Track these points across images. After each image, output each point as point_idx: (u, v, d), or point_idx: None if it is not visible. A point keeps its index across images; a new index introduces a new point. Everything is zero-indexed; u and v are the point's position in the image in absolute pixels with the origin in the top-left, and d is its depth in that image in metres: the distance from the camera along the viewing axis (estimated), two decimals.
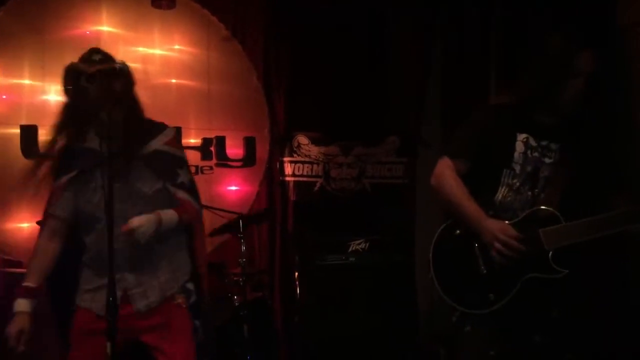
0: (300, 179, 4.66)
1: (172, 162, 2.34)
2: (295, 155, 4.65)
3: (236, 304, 3.72)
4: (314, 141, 4.68)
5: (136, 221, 2.17)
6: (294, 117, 4.61)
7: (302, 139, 4.67)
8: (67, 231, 2.36)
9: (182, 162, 2.40)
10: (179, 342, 2.28)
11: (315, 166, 4.68)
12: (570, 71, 2.15)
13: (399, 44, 4.68)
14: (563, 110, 2.20)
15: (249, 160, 4.55)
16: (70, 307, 2.34)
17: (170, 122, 4.21)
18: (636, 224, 2.05)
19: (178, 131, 4.38)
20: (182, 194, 2.33)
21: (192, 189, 2.39)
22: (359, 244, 4.08)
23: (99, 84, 2.16)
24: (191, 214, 2.35)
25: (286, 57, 4.57)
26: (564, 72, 2.15)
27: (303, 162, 4.67)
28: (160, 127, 2.38)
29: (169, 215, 2.26)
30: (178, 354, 2.26)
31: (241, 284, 3.72)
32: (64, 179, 2.31)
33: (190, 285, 2.36)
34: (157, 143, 2.32)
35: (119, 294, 2.22)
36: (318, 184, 4.69)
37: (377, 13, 4.67)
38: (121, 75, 2.20)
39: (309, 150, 4.68)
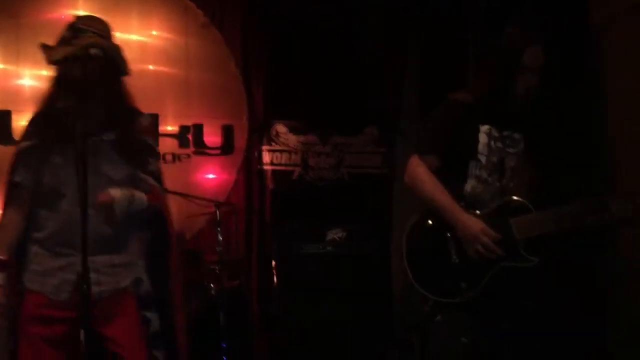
0: (278, 167, 4.65)
1: (145, 150, 2.31)
2: (273, 143, 4.64)
3: (212, 292, 3.72)
4: (293, 130, 4.67)
5: (115, 192, 2.10)
6: (272, 106, 4.59)
7: (281, 128, 4.66)
8: (31, 202, 2.22)
9: (154, 151, 2.37)
10: (129, 334, 2.22)
11: (293, 155, 4.67)
12: (519, 67, 2.20)
13: (378, 34, 4.67)
14: (519, 103, 2.25)
15: (226, 148, 4.53)
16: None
17: (147, 109, 4.23)
18: (603, 214, 2.09)
19: (155, 118, 4.36)
20: (152, 181, 2.29)
21: (159, 179, 2.36)
22: (336, 233, 4.09)
23: (81, 65, 2.12)
24: (159, 201, 2.31)
25: (265, 45, 4.54)
26: (513, 68, 2.21)
27: (281, 151, 4.66)
28: (136, 114, 2.34)
29: (140, 196, 2.21)
30: (128, 345, 2.20)
31: (218, 272, 3.71)
32: (26, 144, 2.22)
33: (144, 277, 2.31)
34: (131, 129, 2.27)
35: (71, 277, 2.16)
36: (296, 173, 4.69)
37: (356, 3, 4.65)
38: (103, 60, 2.17)
39: (287, 139, 4.67)
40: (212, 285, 3.73)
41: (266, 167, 4.61)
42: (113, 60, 2.24)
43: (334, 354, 3.81)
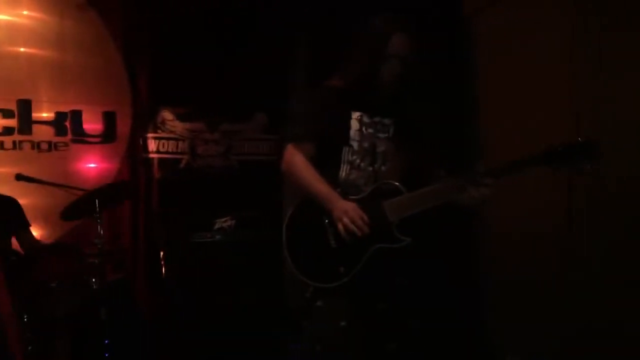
0: (165, 155, 4.52)
1: None
2: (159, 131, 4.50)
3: (94, 286, 3.56)
4: (179, 117, 4.55)
5: None
6: (158, 91, 4.44)
7: (167, 115, 4.52)
8: None
9: None
10: None
11: (180, 143, 4.55)
12: (383, 55, 2.24)
13: (265, 20, 4.62)
14: (386, 89, 2.30)
15: (108, 136, 4.35)
16: None
17: (19, 94, 4.07)
18: (465, 193, 2.18)
19: (28, 104, 4.09)
20: None
21: None
22: (225, 221, 4.03)
23: None
24: None
25: (148, 27, 4.37)
26: (377, 56, 2.24)
27: (168, 139, 4.53)
28: None
29: None
30: None
31: (98, 265, 3.55)
32: None
33: None
34: None
35: None
36: (184, 161, 4.58)
37: None
38: None
39: (174, 126, 4.54)
40: (93, 279, 3.56)
41: (152, 156, 4.47)
42: None
43: (227, 342, 3.77)
